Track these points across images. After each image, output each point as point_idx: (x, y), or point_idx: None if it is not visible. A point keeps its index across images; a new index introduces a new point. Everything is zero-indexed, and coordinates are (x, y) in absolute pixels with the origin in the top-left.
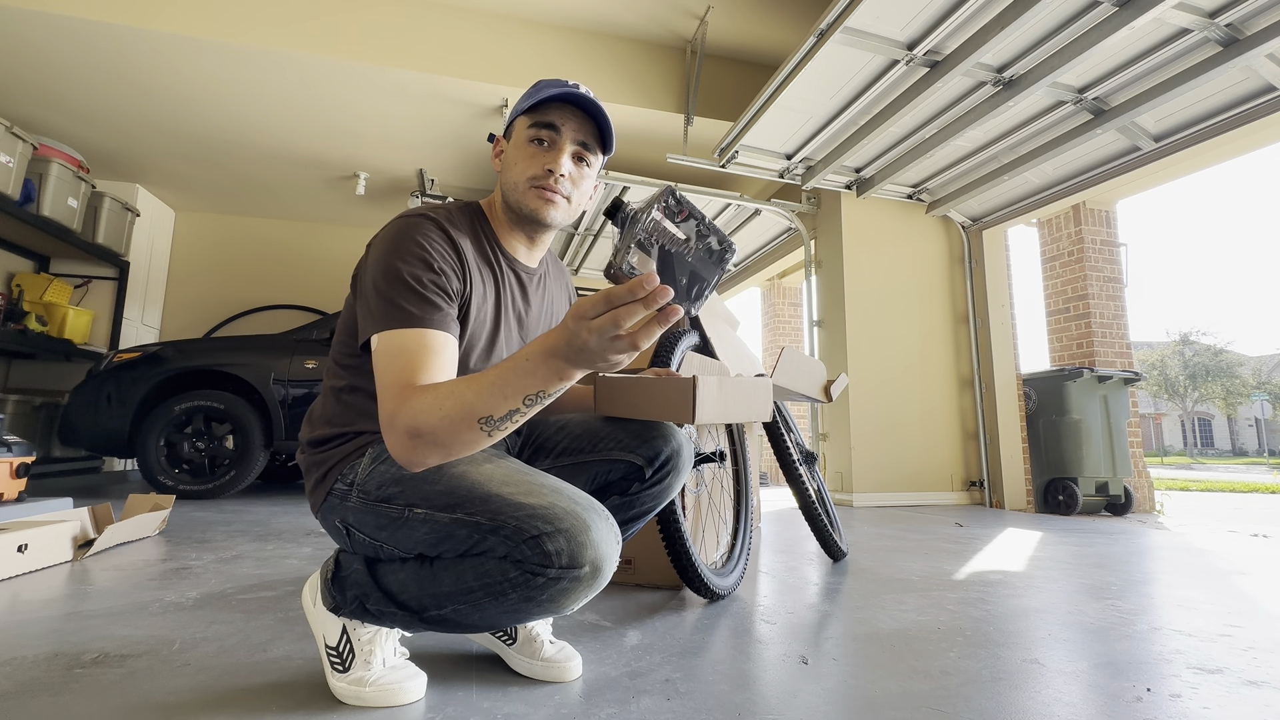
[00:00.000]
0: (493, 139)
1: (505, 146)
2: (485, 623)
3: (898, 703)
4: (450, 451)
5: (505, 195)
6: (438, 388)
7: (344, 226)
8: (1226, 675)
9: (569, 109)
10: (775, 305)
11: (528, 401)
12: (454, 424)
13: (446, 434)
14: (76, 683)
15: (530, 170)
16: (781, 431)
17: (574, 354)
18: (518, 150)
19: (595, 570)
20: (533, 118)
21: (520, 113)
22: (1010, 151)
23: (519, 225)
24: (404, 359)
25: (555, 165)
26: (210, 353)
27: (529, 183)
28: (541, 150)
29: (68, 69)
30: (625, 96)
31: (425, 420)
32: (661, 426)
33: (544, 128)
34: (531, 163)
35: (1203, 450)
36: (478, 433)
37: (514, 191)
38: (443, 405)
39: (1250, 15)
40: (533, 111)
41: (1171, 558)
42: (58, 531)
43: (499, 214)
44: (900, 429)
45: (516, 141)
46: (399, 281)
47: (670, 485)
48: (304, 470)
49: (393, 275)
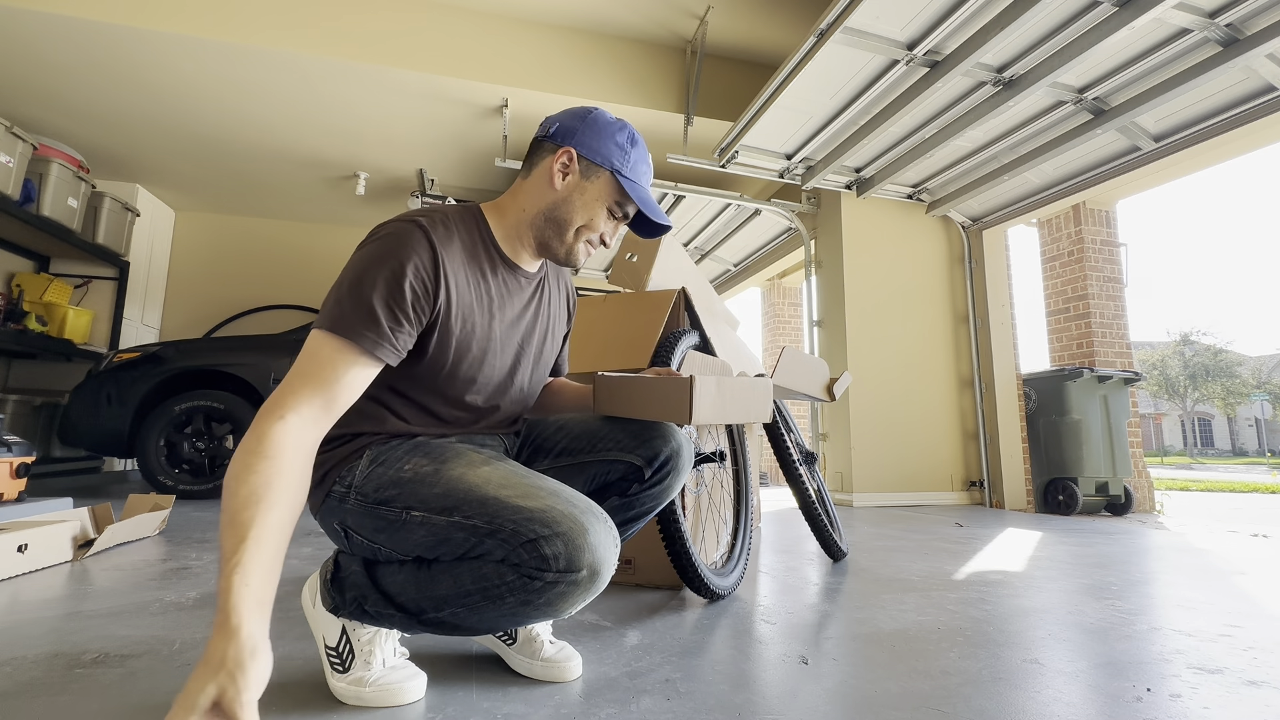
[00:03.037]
0: (555, 139)
1: (577, 177)
2: (483, 625)
3: (898, 703)
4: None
5: (546, 221)
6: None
7: (344, 226)
8: (1226, 675)
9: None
10: (775, 305)
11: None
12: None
13: (224, 510)
14: (76, 683)
15: (594, 228)
16: (781, 431)
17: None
18: (595, 201)
19: (593, 574)
20: (620, 193)
21: (614, 169)
22: (1010, 151)
23: (537, 249)
24: (308, 365)
25: (612, 239)
26: (210, 353)
27: (585, 234)
28: (611, 219)
29: (68, 69)
30: (625, 96)
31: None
32: (661, 427)
33: (623, 204)
34: (598, 221)
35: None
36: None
37: (563, 229)
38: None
39: (1250, 15)
40: (623, 186)
41: (1171, 558)
42: (58, 531)
43: (513, 223)
44: (900, 429)
45: (596, 190)
46: (357, 289)
47: (670, 486)
48: None
49: (355, 281)
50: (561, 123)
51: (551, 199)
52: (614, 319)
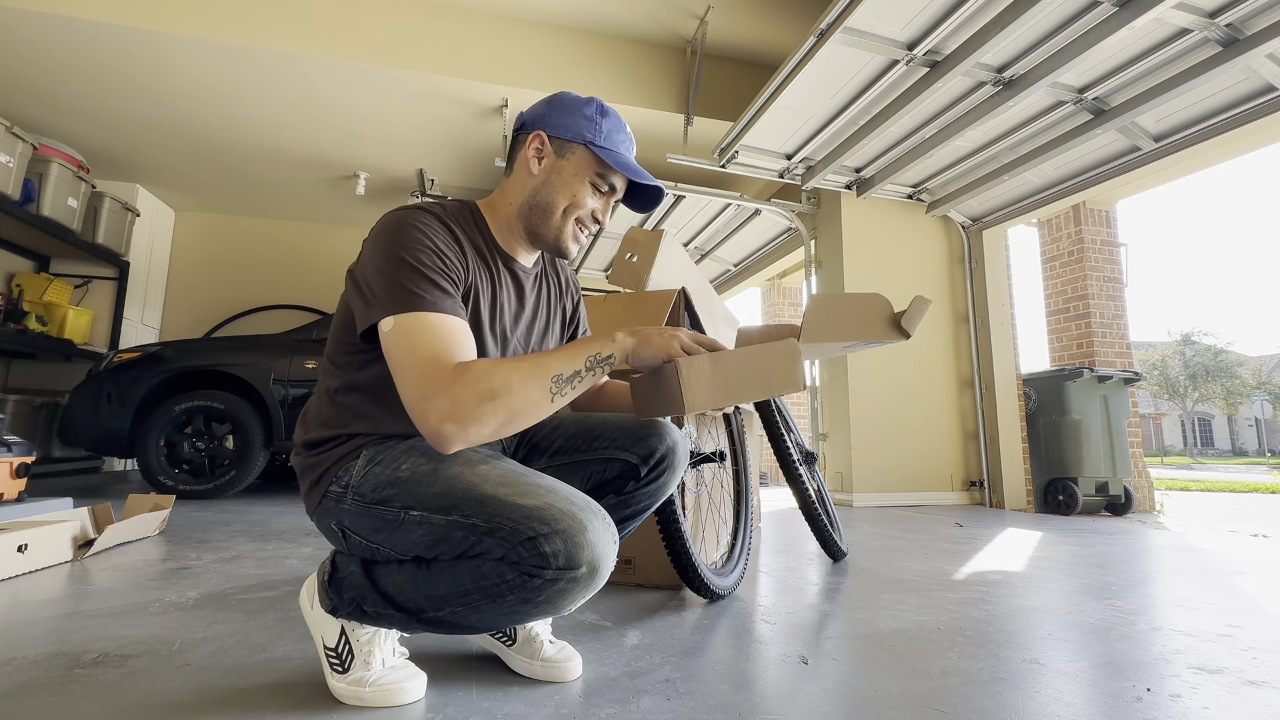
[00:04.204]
0: (526, 129)
1: (552, 158)
2: (483, 624)
3: (898, 703)
4: (515, 415)
5: (530, 208)
6: (495, 360)
7: (344, 226)
8: (1226, 675)
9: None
10: (775, 305)
11: (588, 362)
12: (528, 381)
13: (520, 392)
14: (76, 683)
15: (581, 205)
16: (781, 431)
17: (642, 333)
18: (574, 177)
19: (592, 571)
20: (599, 164)
21: (589, 142)
22: (1010, 151)
23: (529, 241)
24: (432, 339)
25: (604, 216)
26: (210, 353)
27: (572, 214)
28: (598, 194)
29: (68, 69)
30: (625, 96)
31: (501, 381)
32: (656, 424)
33: (605, 175)
34: (583, 197)
35: (1203, 450)
36: (546, 392)
37: (548, 212)
38: (517, 366)
39: (1250, 15)
40: (599, 155)
41: (1171, 558)
42: (58, 531)
43: (504, 218)
44: (900, 429)
45: (573, 166)
46: (406, 266)
47: (666, 483)
48: (298, 472)
49: (397, 261)
50: (530, 112)
51: (532, 186)
52: (614, 319)
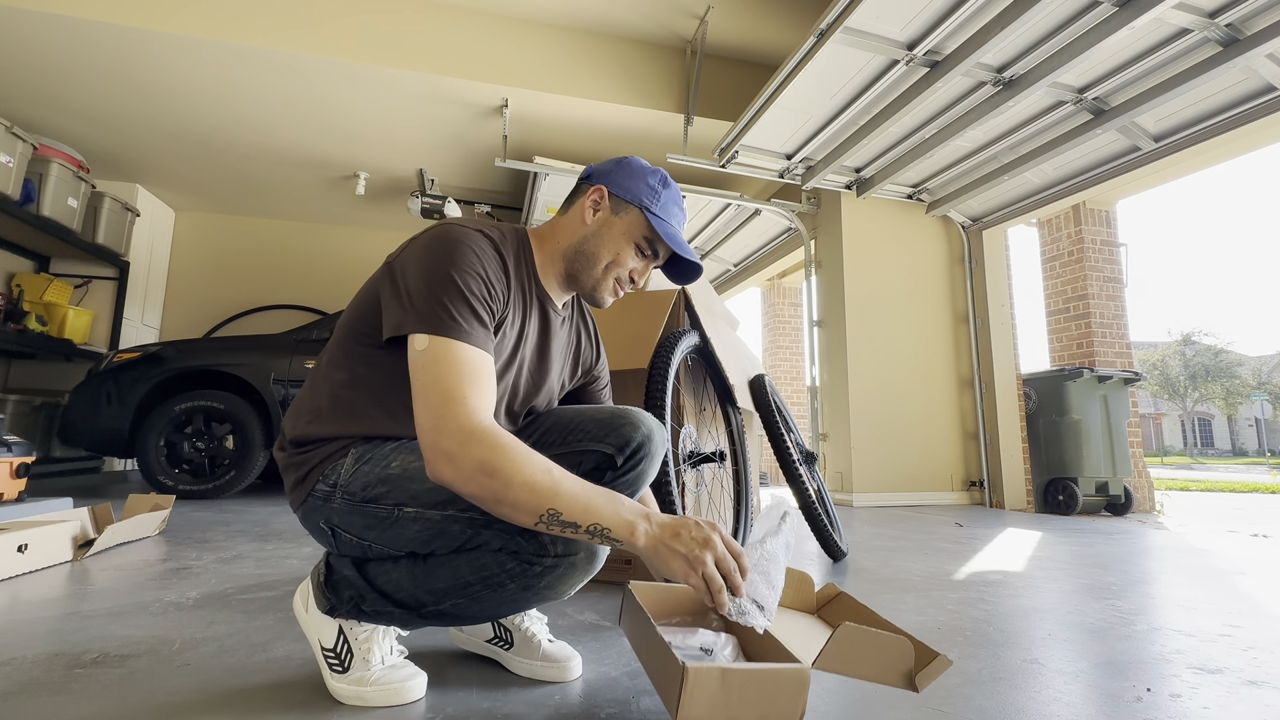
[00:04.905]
0: (591, 180)
1: (606, 213)
2: (485, 613)
3: (898, 703)
4: (498, 504)
5: (575, 254)
6: (514, 446)
7: (344, 226)
8: (1226, 675)
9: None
10: (775, 305)
11: (590, 530)
12: (527, 493)
13: (513, 493)
14: (76, 683)
15: (622, 264)
16: (781, 431)
17: (665, 534)
18: (622, 235)
19: (590, 554)
20: (648, 229)
21: (644, 207)
22: (1010, 151)
23: (566, 282)
24: (461, 372)
25: (642, 278)
26: (210, 353)
27: (613, 270)
28: (640, 256)
29: (68, 69)
30: (625, 96)
31: (506, 472)
32: (630, 413)
33: (651, 242)
34: (625, 257)
35: (1203, 450)
36: (533, 515)
37: (592, 262)
38: (530, 473)
39: (1250, 15)
40: (651, 223)
41: (1171, 558)
42: (58, 531)
43: (549, 254)
44: (900, 429)
45: (624, 225)
46: (453, 288)
47: (644, 472)
48: (281, 468)
49: (446, 279)
50: (598, 167)
51: (582, 233)
52: (614, 319)
